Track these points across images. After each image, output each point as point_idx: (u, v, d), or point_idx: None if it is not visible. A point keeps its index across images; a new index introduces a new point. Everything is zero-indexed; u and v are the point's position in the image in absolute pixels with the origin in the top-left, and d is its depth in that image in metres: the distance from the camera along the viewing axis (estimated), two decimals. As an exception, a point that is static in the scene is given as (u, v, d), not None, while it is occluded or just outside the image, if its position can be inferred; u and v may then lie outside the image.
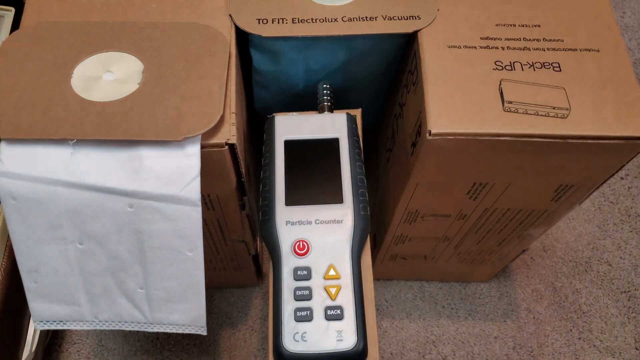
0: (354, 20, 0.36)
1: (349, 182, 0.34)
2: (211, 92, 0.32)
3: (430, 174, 0.36)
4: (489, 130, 0.32)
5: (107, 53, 0.34)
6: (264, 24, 0.36)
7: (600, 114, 0.32)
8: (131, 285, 0.34)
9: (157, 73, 0.33)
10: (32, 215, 0.31)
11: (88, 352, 0.55)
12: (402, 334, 0.57)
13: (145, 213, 0.31)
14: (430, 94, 0.33)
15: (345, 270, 0.32)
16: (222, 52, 0.34)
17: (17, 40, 0.34)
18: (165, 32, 0.34)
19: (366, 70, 0.42)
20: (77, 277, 0.33)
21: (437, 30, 0.35)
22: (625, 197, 0.65)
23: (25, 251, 0.32)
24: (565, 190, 0.38)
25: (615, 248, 0.62)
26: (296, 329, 0.30)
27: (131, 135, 0.30)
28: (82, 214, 0.31)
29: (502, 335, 0.57)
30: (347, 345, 0.30)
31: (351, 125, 0.36)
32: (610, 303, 0.59)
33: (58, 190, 0.30)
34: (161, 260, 0.33)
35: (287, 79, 0.42)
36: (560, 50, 0.34)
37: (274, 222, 0.33)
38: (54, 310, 0.34)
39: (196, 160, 0.31)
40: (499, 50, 0.35)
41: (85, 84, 0.32)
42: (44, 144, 0.30)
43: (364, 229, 0.33)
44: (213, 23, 0.35)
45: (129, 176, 0.31)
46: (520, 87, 0.33)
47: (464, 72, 0.34)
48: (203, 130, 0.31)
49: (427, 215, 0.43)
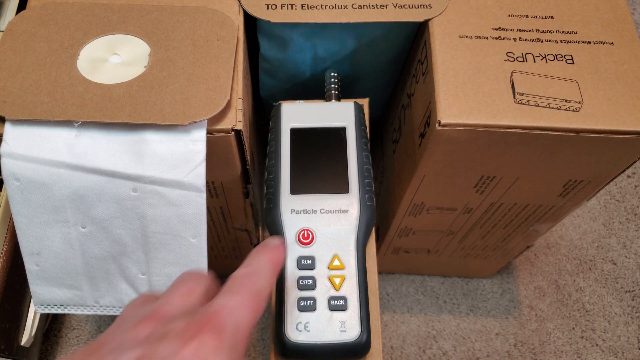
0: (364, 8, 0.35)
1: (355, 171, 0.34)
2: (218, 77, 0.32)
3: (437, 165, 0.36)
4: (499, 122, 0.31)
5: (114, 35, 0.33)
6: (272, 9, 0.35)
7: (613, 108, 0.31)
8: (133, 271, 0.33)
9: (164, 56, 0.32)
10: (35, 197, 0.31)
11: (87, 337, 0.55)
12: (402, 328, 0.57)
13: (149, 198, 0.31)
14: (441, 84, 0.32)
15: (350, 261, 0.31)
16: (230, 37, 0.33)
17: (23, 20, 0.33)
18: (173, 16, 0.34)
19: (374, 59, 0.41)
20: (79, 261, 0.33)
21: (449, 19, 0.35)
22: (631, 195, 0.65)
23: (27, 233, 0.32)
24: (573, 185, 0.37)
25: (620, 247, 0.62)
26: (299, 319, 0.30)
27: (136, 119, 0.30)
28: (86, 197, 0.31)
29: (504, 332, 0.57)
30: (350, 337, 0.30)
31: (358, 114, 0.36)
32: (614, 302, 0.59)
33: (62, 173, 0.30)
34: (164, 245, 0.32)
35: (294, 67, 0.42)
36: (574, 43, 0.34)
37: (278, 210, 0.32)
38: (54, 294, 0.34)
39: (202, 145, 0.30)
40: (510, 41, 0.34)
41: (92, 66, 0.32)
42: (48, 126, 0.30)
43: (370, 219, 0.32)
44: (222, 7, 0.35)
45: (133, 160, 0.30)
46: (531, 79, 0.32)
47: (475, 62, 0.33)
48: (209, 115, 0.30)
49: (432, 208, 0.43)
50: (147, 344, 0.19)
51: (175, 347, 0.18)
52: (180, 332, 0.19)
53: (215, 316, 0.20)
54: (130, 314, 0.22)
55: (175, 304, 0.21)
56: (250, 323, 0.21)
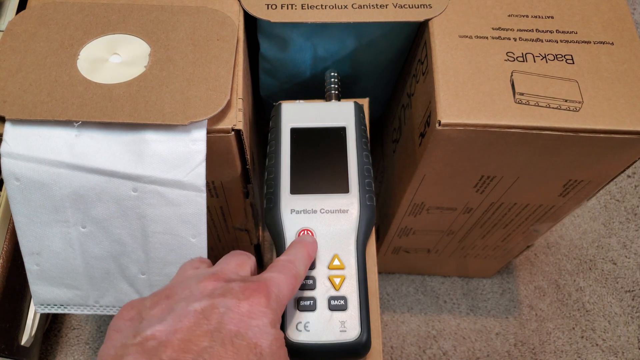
0: (364, 8, 0.35)
1: (356, 171, 0.34)
2: (218, 77, 0.32)
3: (438, 165, 0.36)
4: (499, 121, 0.31)
5: (114, 35, 0.33)
6: (272, 9, 0.35)
7: (613, 108, 0.31)
8: (133, 271, 0.33)
9: (164, 56, 0.32)
10: (35, 197, 0.31)
11: (87, 337, 0.55)
12: (402, 328, 0.57)
13: (149, 197, 0.31)
14: (441, 83, 0.32)
15: (350, 261, 0.31)
16: (230, 37, 0.33)
17: (24, 20, 0.33)
18: (173, 15, 0.34)
19: (374, 59, 0.41)
20: (79, 260, 0.33)
21: (449, 19, 0.35)
22: (631, 195, 0.65)
23: (27, 233, 0.32)
24: (574, 185, 0.37)
25: (620, 247, 0.62)
26: (299, 319, 0.30)
27: (136, 119, 0.30)
28: (86, 197, 0.31)
29: (504, 332, 0.57)
30: (350, 336, 0.30)
31: (359, 114, 0.36)
32: (614, 302, 0.59)
33: (62, 173, 0.30)
34: (164, 245, 0.32)
35: (294, 67, 0.42)
36: (574, 43, 0.34)
37: (278, 210, 0.32)
38: (55, 294, 0.34)
39: (202, 145, 0.30)
40: (510, 41, 0.34)
41: (92, 66, 0.32)
42: (48, 126, 0.30)
43: (370, 219, 0.32)
44: (222, 7, 0.35)
45: (133, 160, 0.30)
46: (531, 79, 0.32)
47: (475, 62, 0.33)
48: (209, 115, 0.30)
49: (432, 208, 0.43)
50: (212, 297, 0.24)
51: (235, 301, 0.23)
52: (239, 291, 0.24)
53: (265, 284, 0.25)
54: (192, 273, 0.27)
55: (232, 270, 0.27)
56: (288, 296, 0.26)
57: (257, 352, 0.22)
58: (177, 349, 0.21)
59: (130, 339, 0.23)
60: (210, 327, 0.22)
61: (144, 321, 0.24)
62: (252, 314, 0.23)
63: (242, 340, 0.22)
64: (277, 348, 0.24)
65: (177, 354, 0.21)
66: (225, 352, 0.22)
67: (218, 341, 0.22)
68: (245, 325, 0.23)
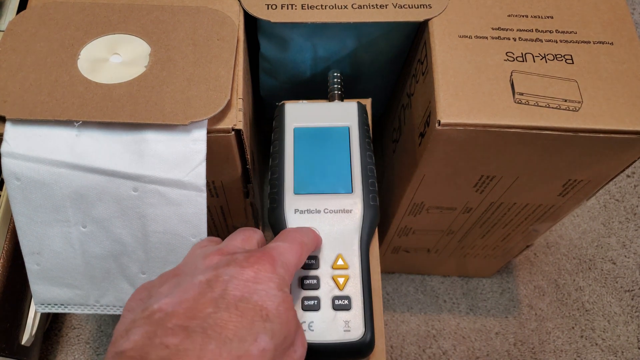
0: (364, 8, 0.35)
1: (359, 171, 0.34)
2: (218, 77, 0.32)
3: (437, 165, 0.36)
4: (498, 121, 0.31)
5: (115, 35, 0.33)
6: (273, 9, 0.35)
7: (613, 108, 0.32)
8: (134, 270, 0.34)
9: (165, 56, 0.32)
10: (36, 196, 0.31)
11: (87, 337, 0.55)
12: (402, 328, 0.57)
13: (150, 197, 0.31)
14: (440, 83, 0.32)
15: (354, 260, 0.31)
16: (231, 37, 0.33)
17: (24, 20, 0.33)
18: (174, 15, 0.34)
19: (374, 59, 0.41)
20: (79, 260, 0.33)
21: (448, 19, 0.35)
22: (631, 195, 0.65)
23: (28, 233, 0.32)
24: (573, 185, 0.37)
25: (620, 246, 0.62)
26: (303, 318, 0.30)
27: (137, 119, 0.30)
28: (86, 197, 0.31)
29: (503, 331, 0.57)
30: (354, 336, 0.30)
31: (362, 114, 0.36)
32: (614, 302, 0.59)
33: (62, 172, 0.30)
34: (164, 245, 0.32)
35: (294, 67, 0.42)
36: (573, 42, 0.34)
37: (282, 210, 0.33)
38: (55, 293, 0.34)
39: (202, 145, 0.30)
40: (510, 41, 0.34)
41: (92, 66, 0.32)
42: (49, 125, 0.30)
43: (373, 219, 0.32)
44: (222, 7, 0.35)
45: (134, 159, 0.30)
46: (531, 79, 0.32)
47: (475, 62, 0.33)
48: (210, 114, 0.30)
49: (432, 208, 0.43)
50: (216, 269, 0.24)
51: (239, 269, 0.24)
52: (243, 259, 0.25)
53: (269, 252, 0.26)
54: (199, 251, 0.27)
55: (237, 245, 0.28)
56: (295, 264, 0.27)
57: (263, 314, 0.23)
58: (182, 317, 0.22)
59: (139, 314, 0.23)
60: (214, 295, 0.23)
61: (152, 298, 0.24)
62: (258, 279, 0.24)
63: (247, 304, 0.23)
64: (284, 310, 0.24)
65: (182, 321, 0.22)
66: (229, 316, 0.22)
67: (222, 306, 0.22)
68: (249, 290, 0.23)
